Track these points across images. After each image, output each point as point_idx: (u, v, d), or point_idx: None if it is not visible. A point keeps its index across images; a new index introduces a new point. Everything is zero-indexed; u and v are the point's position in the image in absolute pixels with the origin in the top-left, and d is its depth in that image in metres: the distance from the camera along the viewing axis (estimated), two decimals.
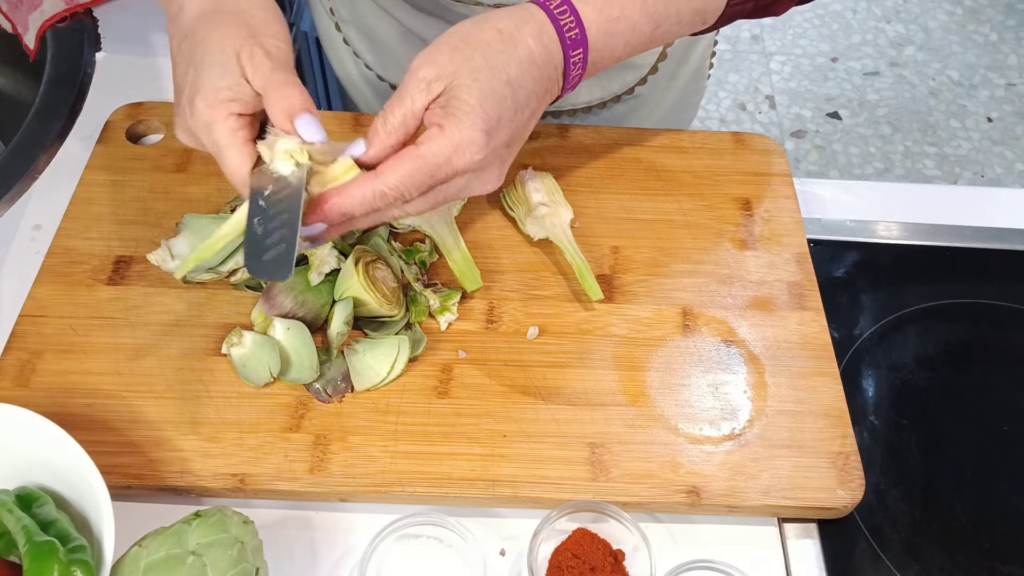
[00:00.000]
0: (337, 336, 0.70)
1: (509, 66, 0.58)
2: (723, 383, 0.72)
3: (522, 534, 0.66)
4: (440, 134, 0.57)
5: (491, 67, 0.58)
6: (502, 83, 0.58)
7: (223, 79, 0.57)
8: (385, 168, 0.57)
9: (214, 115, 0.57)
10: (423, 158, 0.57)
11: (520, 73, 0.59)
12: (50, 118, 0.87)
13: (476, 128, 0.57)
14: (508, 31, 0.59)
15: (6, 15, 0.97)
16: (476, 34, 0.59)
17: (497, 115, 0.58)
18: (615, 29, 0.62)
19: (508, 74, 0.58)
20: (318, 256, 0.71)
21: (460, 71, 0.57)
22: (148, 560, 0.56)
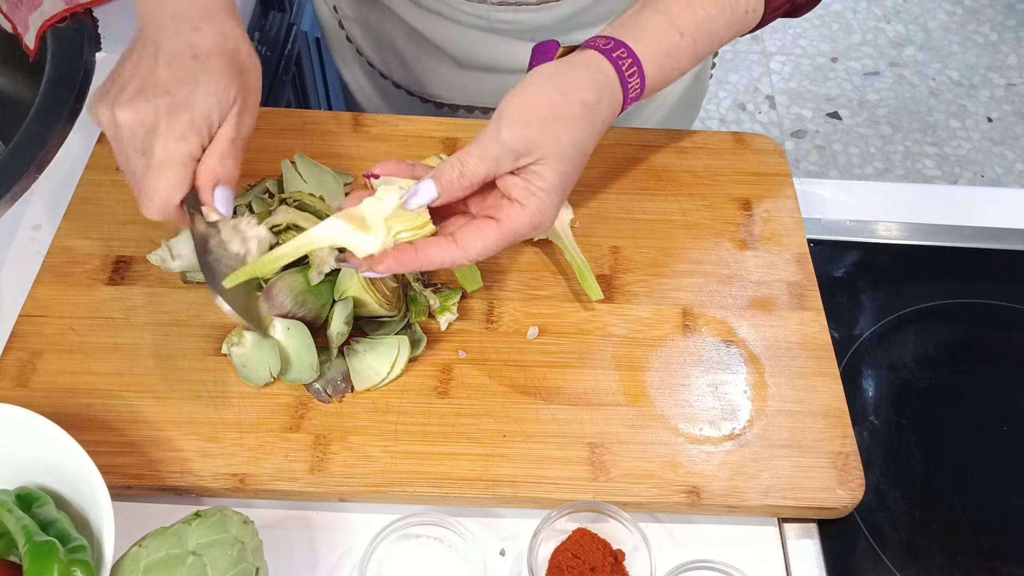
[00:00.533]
0: (337, 336, 0.70)
1: (589, 141, 0.62)
2: (723, 383, 0.72)
3: (522, 534, 0.66)
4: (521, 213, 0.60)
5: (575, 146, 0.61)
6: (580, 159, 0.62)
7: (215, 114, 0.60)
8: (466, 240, 0.60)
9: (190, 137, 0.59)
10: (503, 235, 0.60)
11: (592, 141, 0.63)
12: (50, 118, 0.87)
13: (554, 207, 0.61)
14: (592, 105, 0.62)
15: (6, 15, 0.97)
16: (565, 108, 0.61)
17: (567, 188, 0.62)
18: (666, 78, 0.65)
19: (587, 147, 0.62)
20: (318, 256, 0.71)
21: (549, 151, 0.60)
22: (148, 560, 0.56)
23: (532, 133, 0.60)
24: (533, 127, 0.60)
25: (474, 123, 0.86)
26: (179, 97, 0.58)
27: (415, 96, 0.97)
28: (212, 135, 0.60)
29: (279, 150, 0.82)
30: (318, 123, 0.86)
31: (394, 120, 0.87)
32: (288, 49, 1.27)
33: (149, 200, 0.59)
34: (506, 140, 0.59)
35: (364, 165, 0.83)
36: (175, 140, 0.58)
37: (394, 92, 0.99)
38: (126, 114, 0.58)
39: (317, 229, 0.62)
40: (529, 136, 0.60)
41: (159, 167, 0.58)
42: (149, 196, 0.59)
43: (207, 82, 0.59)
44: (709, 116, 2.39)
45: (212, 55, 0.60)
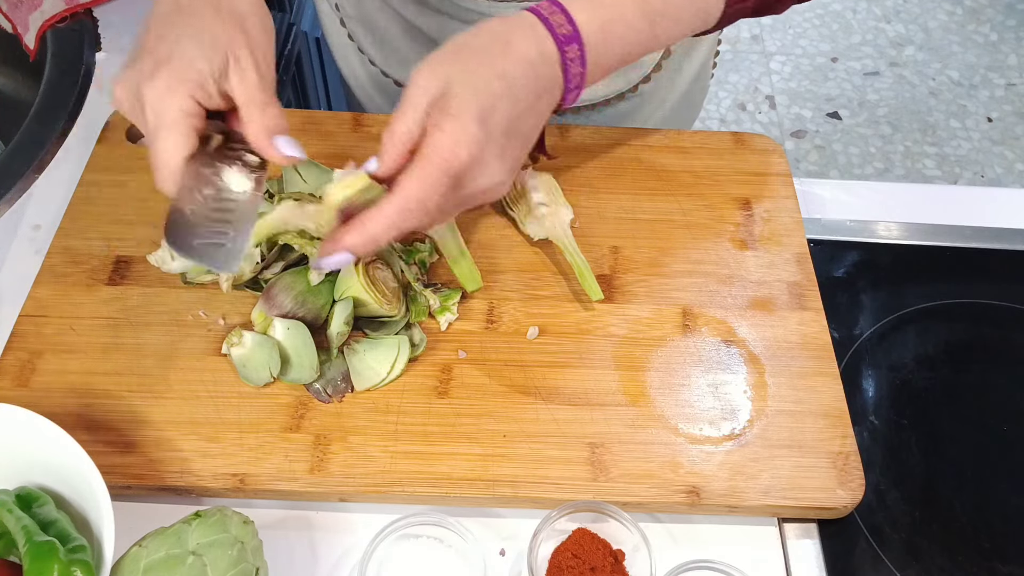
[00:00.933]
0: (337, 336, 0.70)
1: (504, 63, 0.59)
2: (723, 383, 0.72)
3: (522, 534, 0.66)
4: (440, 134, 0.57)
5: (484, 65, 0.59)
6: (495, 76, 0.59)
7: (200, 62, 0.56)
8: (400, 182, 0.57)
9: (176, 88, 0.56)
10: (429, 159, 0.57)
11: (514, 68, 0.59)
12: (50, 118, 0.87)
13: (471, 120, 0.57)
14: (501, 34, 0.60)
15: (6, 15, 0.97)
16: (471, 40, 0.60)
17: (491, 105, 0.58)
18: (611, 29, 0.63)
19: (502, 69, 0.59)
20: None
21: (454, 75, 0.58)
22: (148, 560, 0.56)
23: (437, 65, 0.58)
24: (438, 61, 0.59)
25: None
26: (160, 53, 0.56)
27: None
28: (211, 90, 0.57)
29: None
30: (318, 123, 0.86)
31: None
32: (288, 49, 1.27)
33: (158, 170, 0.57)
34: (415, 80, 0.58)
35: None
36: (163, 97, 0.55)
37: (395, 91, 0.99)
38: (119, 88, 0.57)
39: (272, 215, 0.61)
40: (434, 68, 0.58)
41: (155, 132, 0.56)
42: (157, 166, 0.57)
43: (191, 33, 0.57)
44: (709, 116, 2.39)
45: (199, 6, 0.58)
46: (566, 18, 0.62)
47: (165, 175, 0.57)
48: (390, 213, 0.57)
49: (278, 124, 0.59)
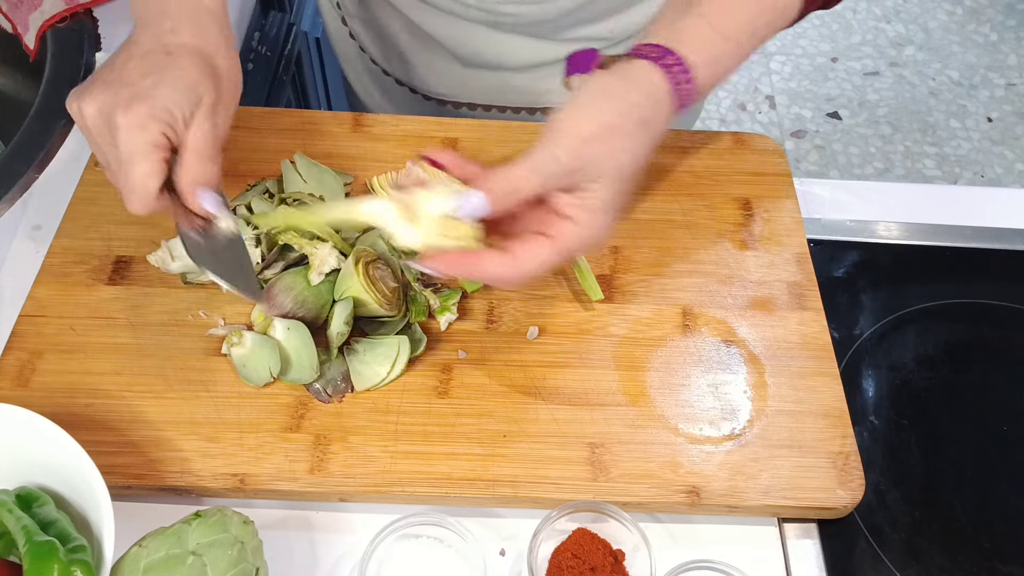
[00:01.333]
0: (337, 336, 0.70)
1: (640, 157, 0.60)
2: (723, 383, 0.72)
3: (522, 534, 0.66)
4: (574, 229, 0.59)
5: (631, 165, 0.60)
6: (633, 175, 0.61)
7: (175, 107, 0.58)
8: (521, 257, 0.59)
9: (149, 125, 0.58)
10: (557, 252, 0.59)
11: (646, 157, 0.61)
12: (50, 118, 0.87)
13: (607, 223, 0.60)
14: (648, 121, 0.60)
15: (6, 15, 0.97)
16: (622, 127, 0.59)
17: (620, 204, 0.61)
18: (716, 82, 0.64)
19: (640, 163, 0.61)
20: (318, 256, 0.71)
21: (604, 169, 0.59)
22: (148, 560, 0.56)
23: (587, 151, 0.58)
24: (589, 146, 0.58)
25: (474, 123, 0.87)
26: (141, 88, 0.58)
27: (417, 94, 0.97)
28: (179, 130, 0.59)
29: (279, 150, 0.82)
30: (318, 123, 0.86)
31: (394, 120, 0.87)
32: (288, 49, 1.27)
33: (129, 193, 0.59)
34: (560, 158, 0.58)
35: (364, 165, 0.83)
36: (135, 130, 0.57)
37: (397, 90, 0.99)
38: (90, 106, 0.59)
39: (366, 204, 0.61)
40: (584, 155, 0.58)
41: (128, 160, 0.58)
42: (128, 189, 0.59)
43: (172, 77, 0.59)
44: (709, 116, 2.39)
45: (184, 53, 0.60)
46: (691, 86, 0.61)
47: (138, 199, 0.59)
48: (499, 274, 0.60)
49: (207, 179, 0.61)
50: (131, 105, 0.57)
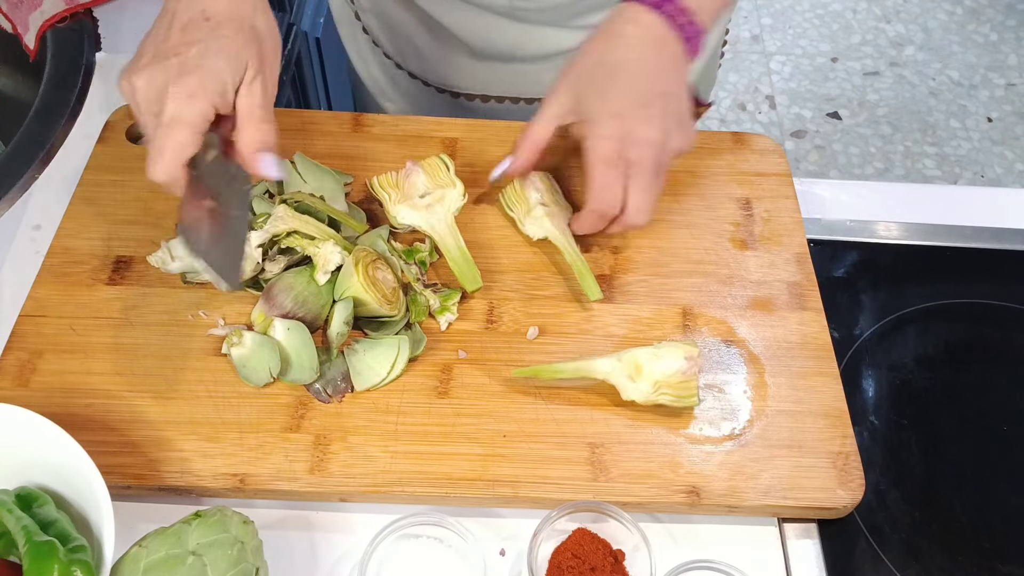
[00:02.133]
0: (337, 336, 0.70)
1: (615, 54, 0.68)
2: (723, 383, 0.72)
3: (522, 534, 0.66)
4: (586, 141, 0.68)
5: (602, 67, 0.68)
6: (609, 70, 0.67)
7: (225, 75, 0.60)
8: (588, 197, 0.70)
9: (199, 94, 0.59)
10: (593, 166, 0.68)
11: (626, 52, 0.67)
12: (50, 118, 0.87)
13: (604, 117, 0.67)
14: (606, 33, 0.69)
15: (6, 15, 0.97)
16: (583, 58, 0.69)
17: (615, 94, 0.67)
18: None
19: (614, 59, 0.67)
20: (321, 255, 0.71)
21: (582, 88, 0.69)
22: (148, 560, 0.56)
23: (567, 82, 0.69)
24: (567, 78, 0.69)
25: (474, 122, 0.87)
26: (188, 58, 0.60)
27: (431, 86, 0.97)
28: (227, 100, 0.61)
29: (279, 150, 0.82)
30: (318, 123, 0.86)
31: (393, 120, 0.87)
32: (288, 49, 1.27)
33: (158, 157, 0.60)
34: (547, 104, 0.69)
35: (364, 165, 0.83)
36: (184, 99, 0.59)
37: (409, 83, 0.99)
38: (141, 79, 0.60)
39: (599, 363, 0.69)
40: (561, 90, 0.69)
41: (169, 126, 0.59)
42: (158, 153, 0.60)
43: (217, 46, 0.60)
44: (709, 116, 2.39)
45: (224, 20, 0.61)
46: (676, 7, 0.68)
47: (163, 166, 0.60)
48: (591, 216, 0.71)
49: (268, 142, 0.63)
50: (182, 75, 0.59)
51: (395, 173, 0.79)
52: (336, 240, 0.72)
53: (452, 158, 0.80)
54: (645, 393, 0.67)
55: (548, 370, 0.69)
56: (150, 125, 0.61)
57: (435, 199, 0.77)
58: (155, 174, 0.60)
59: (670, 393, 0.67)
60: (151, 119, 0.61)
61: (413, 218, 0.77)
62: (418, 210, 0.77)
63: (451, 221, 0.77)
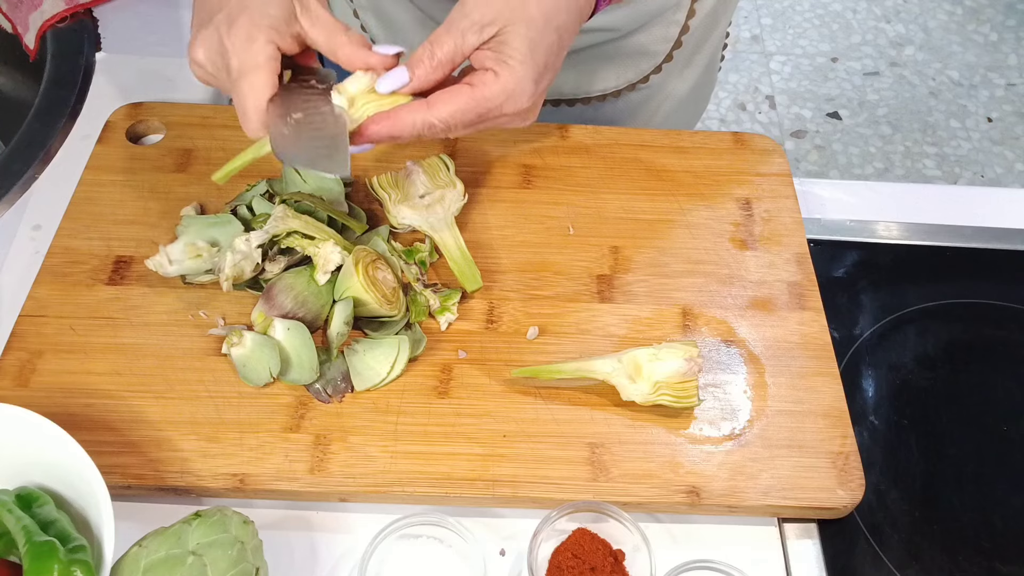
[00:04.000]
0: (337, 336, 0.70)
1: (559, 13, 0.61)
2: (723, 383, 0.72)
3: (522, 534, 0.66)
4: (495, 80, 0.60)
5: (544, 15, 0.61)
6: (552, 30, 0.61)
7: (273, 8, 0.59)
8: (437, 101, 0.60)
9: (255, 35, 0.58)
10: (475, 100, 0.60)
11: (567, 16, 0.62)
12: (50, 118, 0.87)
13: (528, 78, 0.60)
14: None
15: (6, 15, 0.97)
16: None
17: (545, 62, 0.61)
18: None
19: (558, 21, 0.61)
20: (321, 255, 0.71)
21: (514, 18, 0.60)
22: (148, 560, 0.56)
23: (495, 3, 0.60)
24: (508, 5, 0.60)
25: None
26: (232, 8, 0.59)
27: None
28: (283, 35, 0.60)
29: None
30: None
31: None
32: None
33: (244, 115, 0.59)
34: (469, 11, 0.60)
35: (364, 165, 0.83)
36: (243, 45, 0.58)
37: None
38: (199, 51, 0.60)
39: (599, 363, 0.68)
40: (491, 5, 0.60)
41: (239, 78, 0.59)
42: (242, 111, 0.59)
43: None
44: (709, 116, 2.39)
45: None
46: None
47: (253, 117, 0.59)
48: (417, 122, 0.61)
49: (364, 40, 0.62)
50: (233, 24, 0.58)
51: (395, 173, 0.79)
52: (336, 240, 0.72)
53: (452, 158, 0.80)
54: (645, 394, 0.67)
55: (548, 370, 0.69)
56: (226, 86, 0.60)
57: (435, 199, 0.78)
58: (251, 131, 0.60)
59: (670, 394, 0.67)
60: (225, 80, 0.60)
61: (413, 218, 0.77)
62: (418, 210, 0.77)
63: (451, 221, 0.77)
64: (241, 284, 0.73)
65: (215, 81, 0.61)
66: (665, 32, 0.88)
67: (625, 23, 0.86)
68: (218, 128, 0.84)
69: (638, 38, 0.88)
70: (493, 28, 0.60)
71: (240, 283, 0.73)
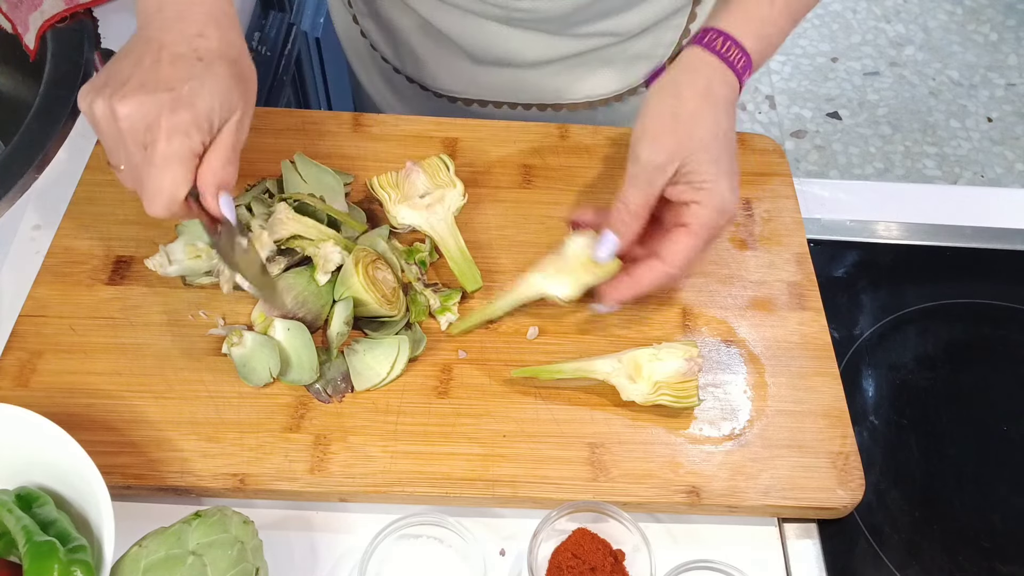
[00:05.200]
0: (337, 336, 0.70)
1: (720, 123, 0.67)
2: (723, 383, 0.72)
3: (522, 534, 0.66)
4: (702, 208, 0.66)
5: (711, 133, 0.66)
6: (723, 141, 0.67)
7: (217, 115, 0.60)
8: (667, 253, 0.67)
9: (192, 132, 0.59)
10: (697, 234, 0.66)
11: (727, 120, 0.68)
12: (50, 118, 0.87)
13: (727, 189, 0.66)
14: (705, 92, 0.67)
15: (6, 15, 0.97)
16: (682, 108, 0.67)
17: (730, 168, 0.67)
18: (770, 44, 0.71)
19: (722, 129, 0.67)
20: (322, 255, 0.71)
21: (690, 148, 0.65)
22: (148, 560, 0.56)
23: (664, 142, 0.66)
24: (663, 137, 0.66)
25: (473, 122, 0.87)
26: (182, 94, 0.58)
27: (428, 91, 0.97)
28: (212, 137, 0.60)
29: (279, 150, 0.82)
30: (318, 123, 0.86)
31: (394, 120, 0.87)
32: (288, 49, 1.27)
33: (156, 196, 0.59)
34: (645, 159, 0.66)
35: (364, 165, 0.83)
36: (179, 136, 0.58)
37: (407, 87, 0.99)
38: (127, 107, 0.58)
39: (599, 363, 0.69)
40: (663, 146, 0.65)
41: (164, 162, 0.58)
42: (155, 193, 0.59)
43: (211, 83, 0.60)
44: None
45: (215, 59, 0.61)
46: (740, 51, 0.69)
47: (164, 204, 0.59)
48: (656, 277, 0.68)
49: (230, 182, 0.62)
50: (176, 110, 0.58)
51: (395, 173, 0.79)
52: (336, 240, 0.72)
53: (452, 158, 0.80)
54: (645, 394, 0.67)
55: (548, 370, 0.69)
56: (135, 156, 0.59)
57: (435, 199, 0.77)
58: (156, 211, 0.59)
59: (670, 394, 0.67)
60: (136, 150, 0.59)
61: (413, 218, 0.77)
62: (418, 210, 0.77)
63: (451, 221, 0.77)
64: None
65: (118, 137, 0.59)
66: (667, 36, 0.88)
67: (628, 28, 0.86)
68: None
69: (640, 42, 0.88)
70: (675, 164, 0.65)
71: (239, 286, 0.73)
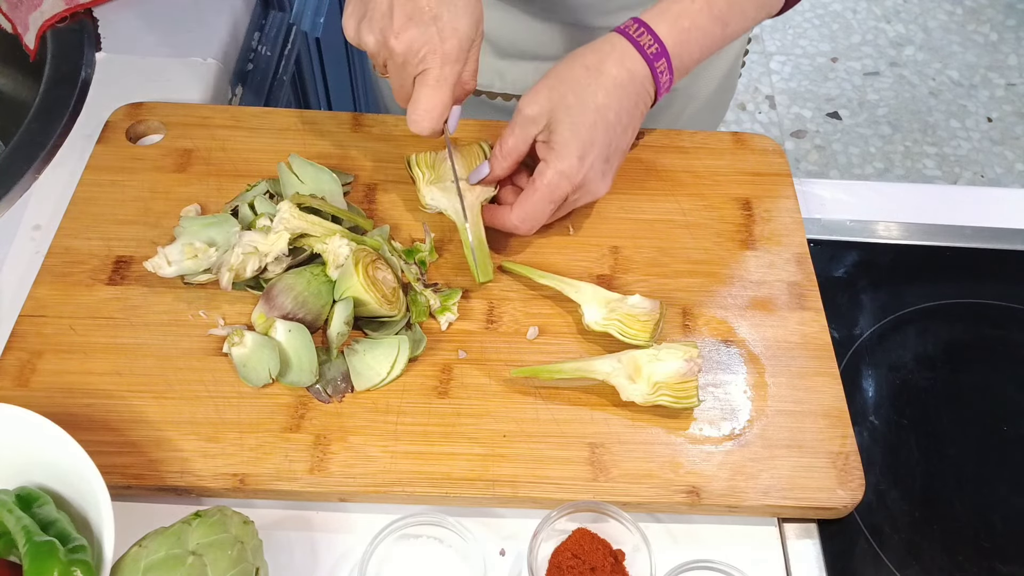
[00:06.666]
0: (337, 336, 0.70)
1: (596, 95, 0.70)
2: (723, 383, 0.72)
3: (522, 534, 0.66)
4: (547, 167, 0.71)
5: (580, 101, 0.70)
6: (590, 111, 0.70)
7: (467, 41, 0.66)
8: (516, 203, 0.73)
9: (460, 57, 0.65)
10: (539, 190, 0.71)
11: (607, 98, 0.70)
12: (50, 118, 0.87)
13: (572, 157, 0.70)
14: (593, 65, 0.70)
15: (6, 15, 0.97)
16: (567, 72, 0.71)
17: (589, 139, 0.70)
18: (689, 37, 0.72)
19: (595, 102, 0.70)
20: (330, 250, 0.71)
21: (556, 108, 0.70)
22: (148, 560, 0.56)
23: (540, 97, 0.71)
24: (541, 92, 0.71)
25: (474, 123, 0.86)
26: (445, 22, 0.64)
27: None
28: None
29: (279, 150, 0.82)
30: (318, 123, 0.86)
31: (394, 120, 0.87)
32: (288, 49, 1.27)
33: (427, 114, 0.66)
34: (520, 107, 0.71)
35: (364, 165, 0.83)
36: (451, 63, 0.65)
37: None
38: (402, 43, 0.64)
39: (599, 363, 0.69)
40: (537, 99, 0.71)
41: (437, 84, 0.65)
42: (427, 111, 0.66)
43: (463, 7, 0.65)
44: None
45: None
46: (652, 37, 0.70)
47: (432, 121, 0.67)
48: (503, 220, 0.74)
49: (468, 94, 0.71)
50: (445, 40, 0.65)
51: (433, 153, 0.79)
52: (343, 233, 0.72)
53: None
54: (644, 394, 0.67)
55: (548, 370, 0.69)
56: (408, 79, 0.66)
57: (467, 186, 0.77)
58: (423, 127, 0.67)
59: (669, 394, 0.67)
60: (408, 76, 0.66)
61: (442, 201, 0.76)
62: (449, 193, 0.76)
63: (478, 209, 0.76)
64: (241, 284, 0.73)
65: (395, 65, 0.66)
66: None
67: None
68: (218, 128, 0.85)
69: None
70: (544, 119, 0.71)
71: (240, 282, 0.73)
